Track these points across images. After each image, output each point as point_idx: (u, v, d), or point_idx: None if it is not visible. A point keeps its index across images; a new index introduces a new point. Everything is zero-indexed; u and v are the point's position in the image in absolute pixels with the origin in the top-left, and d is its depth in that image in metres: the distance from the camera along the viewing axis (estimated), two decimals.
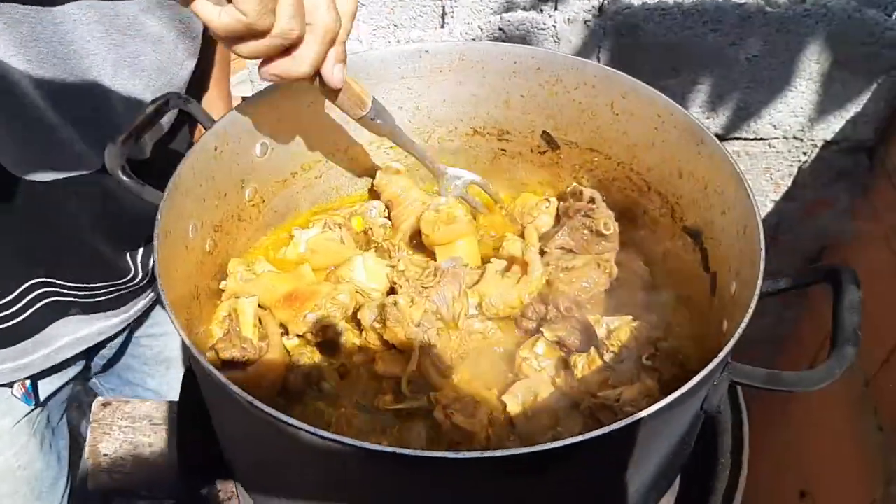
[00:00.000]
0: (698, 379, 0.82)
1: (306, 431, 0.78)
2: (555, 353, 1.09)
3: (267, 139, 1.20)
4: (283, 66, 0.91)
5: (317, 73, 0.95)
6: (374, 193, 1.36)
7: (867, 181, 1.94)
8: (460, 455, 0.76)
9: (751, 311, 0.88)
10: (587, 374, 1.03)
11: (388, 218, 1.33)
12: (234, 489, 1.14)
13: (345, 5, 0.92)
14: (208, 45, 1.44)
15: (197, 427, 1.14)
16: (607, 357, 1.03)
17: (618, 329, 1.04)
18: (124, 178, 1.04)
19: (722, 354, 0.85)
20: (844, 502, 1.91)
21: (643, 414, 0.78)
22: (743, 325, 0.87)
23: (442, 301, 1.09)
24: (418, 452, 0.77)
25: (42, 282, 1.36)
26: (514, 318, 1.16)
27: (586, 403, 0.99)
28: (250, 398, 0.81)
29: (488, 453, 0.77)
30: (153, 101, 1.10)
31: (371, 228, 1.31)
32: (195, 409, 1.15)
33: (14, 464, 1.55)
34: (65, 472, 1.73)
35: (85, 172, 1.27)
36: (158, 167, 1.11)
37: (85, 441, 1.43)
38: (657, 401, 0.79)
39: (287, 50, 0.89)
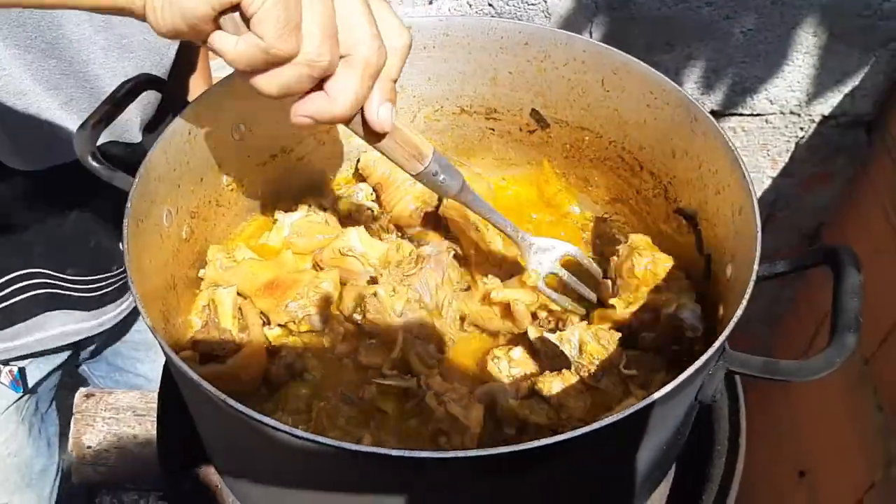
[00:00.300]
0: (693, 370, 0.79)
1: (283, 431, 0.74)
2: (528, 364, 1.05)
3: (243, 121, 1.15)
4: (315, 105, 0.77)
5: (356, 114, 0.81)
6: (359, 176, 1.32)
7: (866, 156, 1.91)
8: (448, 455, 0.73)
9: (747, 296, 0.85)
10: (564, 397, 0.98)
11: (378, 202, 1.29)
12: (217, 480, 1.11)
13: (395, 39, 0.80)
14: None
15: (179, 417, 1.11)
16: (584, 375, 1.00)
17: (586, 343, 1.01)
18: (94, 164, 1.00)
19: (717, 343, 0.81)
20: (844, 483, 1.90)
21: (634, 408, 0.75)
22: (739, 313, 0.83)
23: (424, 289, 1.05)
24: (401, 452, 0.74)
25: (38, 272, 1.35)
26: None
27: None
28: (224, 397, 0.77)
29: (474, 453, 0.74)
30: (123, 83, 1.05)
31: (357, 211, 1.27)
32: (177, 399, 1.11)
33: (3, 451, 1.54)
34: (55, 458, 1.73)
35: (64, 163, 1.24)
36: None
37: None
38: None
39: (320, 85, 0.77)
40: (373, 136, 0.85)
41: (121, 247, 1.37)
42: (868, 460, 1.79)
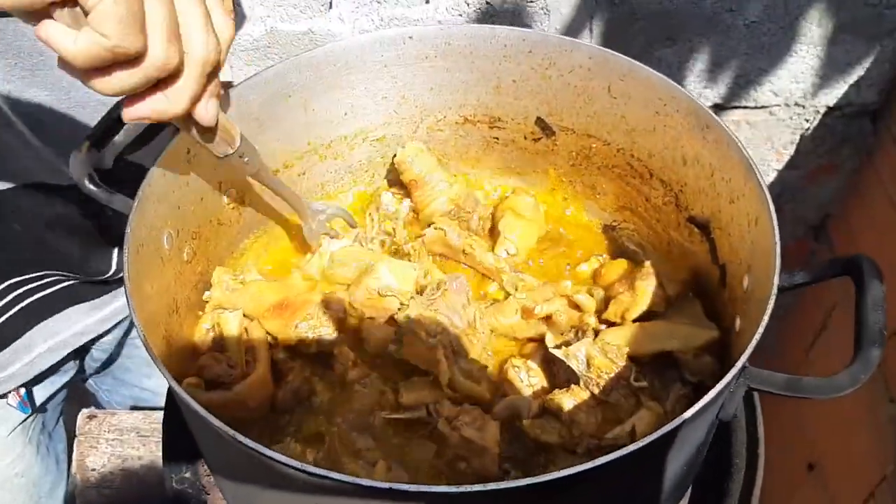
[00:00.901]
0: (717, 390, 0.78)
1: (293, 467, 0.72)
2: (542, 375, 1.04)
3: (247, 134, 1.12)
4: (155, 105, 0.75)
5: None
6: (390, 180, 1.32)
7: (871, 146, 1.89)
8: (463, 489, 0.71)
9: (768, 312, 0.83)
10: (576, 413, 0.97)
11: (409, 199, 1.27)
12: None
13: (223, 30, 0.78)
14: None
15: (185, 437, 1.09)
16: (594, 389, 0.98)
17: (593, 357, 0.99)
18: (91, 187, 0.98)
19: (740, 363, 0.80)
20: (854, 476, 1.89)
21: (657, 435, 0.73)
22: (761, 329, 0.81)
23: (452, 312, 1.03)
24: (417, 487, 0.72)
25: (17, 282, 1.32)
26: None
27: (585, 446, 0.94)
28: (233, 432, 0.75)
29: (494, 486, 0.71)
30: (118, 103, 1.02)
31: (394, 229, 1.24)
32: (182, 421, 1.09)
33: (11, 472, 1.53)
34: (64, 475, 1.72)
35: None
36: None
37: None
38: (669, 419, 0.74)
39: (157, 84, 0.74)
40: (200, 130, 0.87)
41: (109, 257, 1.38)
42: (880, 453, 1.78)
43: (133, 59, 0.69)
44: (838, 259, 0.92)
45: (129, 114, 0.76)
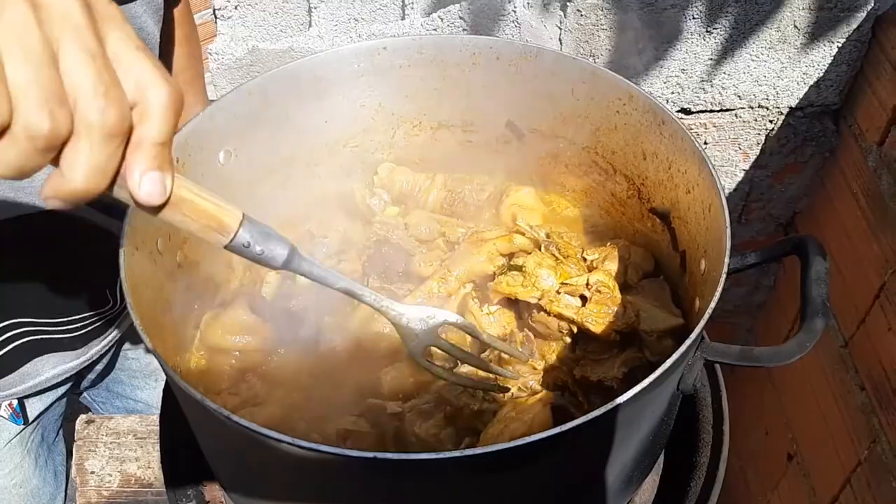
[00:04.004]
0: (672, 361, 0.83)
1: (286, 442, 0.78)
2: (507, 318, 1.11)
3: (230, 146, 1.18)
4: (52, 183, 0.61)
5: (109, 187, 0.65)
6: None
7: (834, 144, 1.96)
8: (439, 456, 0.76)
9: (720, 289, 0.89)
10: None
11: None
12: (221, 496, 1.14)
13: (152, 95, 0.64)
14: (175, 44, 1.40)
15: (181, 438, 1.14)
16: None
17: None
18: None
19: (694, 335, 0.85)
20: (831, 463, 1.94)
21: (619, 401, 0.79)
22: (713, 305, 0.87)
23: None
24: (399, 456, 0.77)
25: (15, 322, 1.35)
26: None
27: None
28: (227, 412, 0.80)
29: (469, 452, 0.76)
30: None
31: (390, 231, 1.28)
32: (178, 421, 1.15)
33: (8, 483, 1.55)
34: (62, 487, 1.74)
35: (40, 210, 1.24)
36: None
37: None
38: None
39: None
40: (147, 209, 0.70)
41: (105, 290, 1.42)
42: (854, 440, 1.83)
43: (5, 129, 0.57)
44: (786, 239, 0.99)
45: (46, 203, 0.63)
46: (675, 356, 0.83)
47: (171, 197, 0.70)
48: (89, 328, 1.48)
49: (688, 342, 0.84)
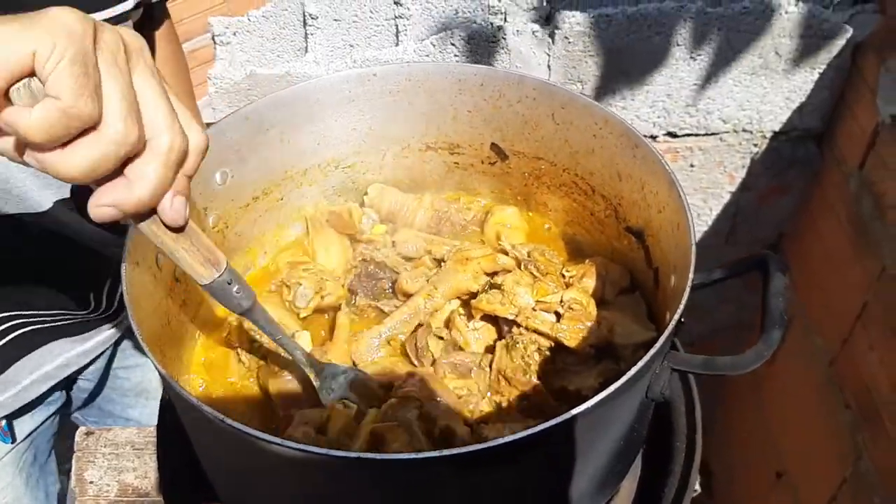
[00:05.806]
0: (636, 370, 0.88)
1: (279, 444, 0.82)
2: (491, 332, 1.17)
3: (227, 167, 1.24)
4: (115, 192, 0.72)
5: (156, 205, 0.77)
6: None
7: (817, 168, 2.01)
8: (420, 456, 0.80)
9: (684, 300, 0.94)
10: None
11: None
12: None
13: (194, 139, 0.77)
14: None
15: (177, 449, 1.18)
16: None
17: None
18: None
19: (658, 345, 0.90)
20: (819, 481, 1.97)
21: (584, 406, 0.83)
22: (676, 317, 0.92)
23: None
24: (386, 456, 0.82)
25: (12, 314, 1.39)
26: None
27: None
28: (222, 416, 0.85)
29: (447, 452, 0.80)
30: None
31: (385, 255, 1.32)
32: (174, 434, 1.19)
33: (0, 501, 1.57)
34: None
35: (31, 211, 1.29)
36: None
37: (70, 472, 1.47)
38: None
39: (120, 172, 0.72)
40: (166, 233, 0.81)
41: (89, 294, 1.46)
42: (839, 457, 1.86)
43: (90, 129, 0.67)
44: (749, 257, 1.04)
45: (95, 203, 0.72)
46: (639, 365, 0.88)
47: (187, 225, 0.82)
48: (74, 321, 1.49)
49: (652, 351, 0.89)
